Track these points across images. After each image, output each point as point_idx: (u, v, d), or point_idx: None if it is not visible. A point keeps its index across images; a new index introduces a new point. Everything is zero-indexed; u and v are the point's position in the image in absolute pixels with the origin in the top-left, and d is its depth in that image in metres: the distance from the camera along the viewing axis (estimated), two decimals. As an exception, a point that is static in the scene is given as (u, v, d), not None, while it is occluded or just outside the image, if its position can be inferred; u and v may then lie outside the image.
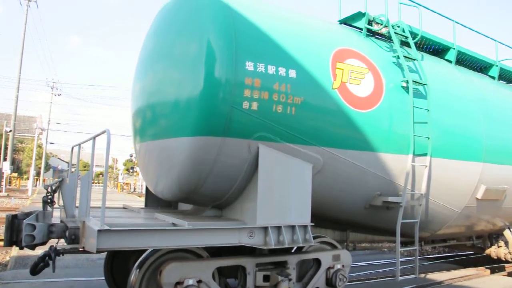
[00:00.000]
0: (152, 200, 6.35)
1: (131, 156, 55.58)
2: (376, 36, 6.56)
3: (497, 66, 8.51)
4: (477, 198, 7.02)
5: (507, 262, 8.82)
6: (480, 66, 8.51)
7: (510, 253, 8.41)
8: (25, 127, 56.24)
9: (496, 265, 9.31)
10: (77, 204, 4.63)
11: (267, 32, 4.88)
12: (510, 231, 8.40)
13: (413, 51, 6.48)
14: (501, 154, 7.36)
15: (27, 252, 7.17)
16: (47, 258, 4.18)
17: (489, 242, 8.94)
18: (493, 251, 8.78)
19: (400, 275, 6.05)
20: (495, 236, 8.84)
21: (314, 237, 5.05)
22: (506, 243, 8.51)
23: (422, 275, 7.85)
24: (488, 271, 8.73)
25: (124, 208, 6.24)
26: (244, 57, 4.54)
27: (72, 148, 5.75)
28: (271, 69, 4.67)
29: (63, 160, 72.18)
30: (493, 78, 8.53)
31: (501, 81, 8.96)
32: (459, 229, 7.60)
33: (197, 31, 4.69)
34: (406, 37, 6.53)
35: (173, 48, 5.05)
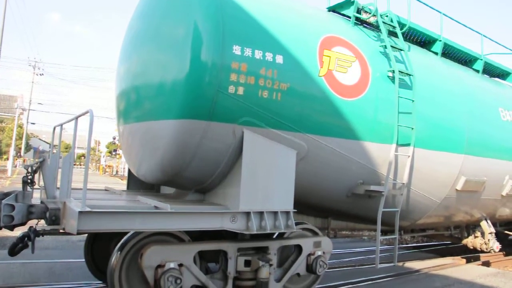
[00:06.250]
0: (135, 183, 6.29)
1: (114, 138, 54.94)
2: (364, 24, 6.55)
3: (481, 60, 8.60)
4: (457, 189, 7.14)
5: (482, 252, 9.03)
6: (465, 59, 8.58)
7: (485, 243, 8.61)
8: (5, 107, 55.03)
9: (471, 254, 9.55)
10: (58, 185, 4.56)
11: (255, 17, 4.82)
12: (487, 222, 8.59)
13: (400, 42, 6.50)
14: (482, 147, 7.47)
15: (5, 232, 7.06)
16: (26, 239, 4.13)
17: (466, 233, 9.12)
18: (470, 241, 8.97)
19: (379, 263, 6.15)
20: (472, 227, 9.02)
21: (296, 224, 5.08)
22: (483, 234, 8.70)
23: (401, 264, 8.00)
24: (464, 260, 8.95)
25: (106, 190, 6.18)
26: (231, 41, 4.48)
27: (54, 129, 5.65)
28: (258, 54, 4.63)
29: (44, 141, 71.02)
30: (477, 71, 8.62)
31: (485, 75, 9.06)
32: (438, 219, 7.74)
33: (184, 13, 4.62)
34: (394, 27, 6.54)
35: (159, 30, 4.96)
